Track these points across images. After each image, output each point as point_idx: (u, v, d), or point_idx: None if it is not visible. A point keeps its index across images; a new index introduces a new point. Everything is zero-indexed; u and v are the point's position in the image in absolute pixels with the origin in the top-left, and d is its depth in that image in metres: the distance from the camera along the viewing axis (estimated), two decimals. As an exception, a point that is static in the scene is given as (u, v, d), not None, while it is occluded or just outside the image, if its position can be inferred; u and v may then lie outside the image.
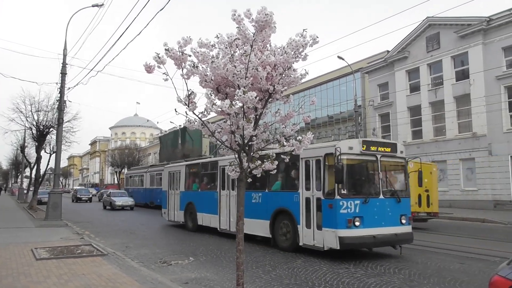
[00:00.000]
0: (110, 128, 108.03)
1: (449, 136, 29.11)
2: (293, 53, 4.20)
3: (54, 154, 21.40)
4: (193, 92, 4.42)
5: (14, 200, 42.11)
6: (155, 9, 11.12)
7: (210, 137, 4.70)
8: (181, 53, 4.22)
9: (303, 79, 4.60)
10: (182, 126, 55.89)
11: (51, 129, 26.10)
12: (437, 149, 29.71)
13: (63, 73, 19.29)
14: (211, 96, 4.46)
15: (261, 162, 4.77)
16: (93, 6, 18.17)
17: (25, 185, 48.91)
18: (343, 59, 27.58)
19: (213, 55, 4.35)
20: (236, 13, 4.17)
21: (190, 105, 4.40)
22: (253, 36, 4.19)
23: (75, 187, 64.28)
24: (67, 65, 19.42)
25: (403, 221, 9.78)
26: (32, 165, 34.36)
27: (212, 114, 4.57)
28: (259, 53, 4.28)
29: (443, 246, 11.37)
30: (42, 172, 29.82)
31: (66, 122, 23.75)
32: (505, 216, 20.13)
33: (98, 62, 34.71)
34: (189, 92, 4.40)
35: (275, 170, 5.22)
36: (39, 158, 28.00)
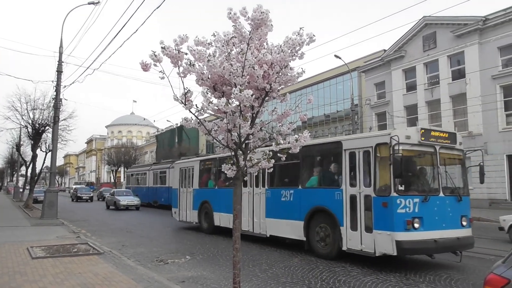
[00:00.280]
0: (107, 127, 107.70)
1: (445, 135, 29.13)
2: (289, 51, 4.20)
3: (50, 152, 21.31)
4: (189, 90, 4.41)
5: (10, 198, 41.94)
6: (153, 6, 11.08)
7: (206, 135, 4.70)
8: (177, 51, 4.21)
9: (300, 78, 4.60)
10: (178, 125, 55.84)
11: (47, 127, 25.98)
12: (433, 148, 29.72)
13: (59, 71, 19.22)
14: (207, 94, 4.46)
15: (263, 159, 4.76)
16: (89, 3, 18.10)
17: (20, 183, 48.80)
18: (340, 58, 27.61)
19: (209, 53, 4.34)
20: (231, 11, 4.17)
21: (186, 103, 4.39)
22: (249, 34, 4.18)
23: (74, 185, 61.68)
24: (63, 63, 19.36)
25: (464, 223, 8.55)
26: (28, 163, 34.26)
27: (209, 112, 4.56)
28: (255, 52, 4.27)
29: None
30: (38, 170, 29.68)
31: (62, 120, 23.72)
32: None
33: (94, 60, 34.60)
34: (186, 91, 4.39)
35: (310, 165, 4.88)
36: (34, 157, 27.90)
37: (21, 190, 40.39)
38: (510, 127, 25.88)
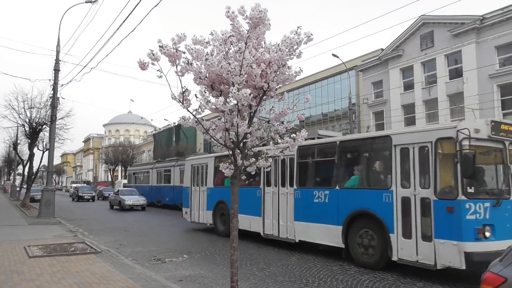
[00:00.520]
0: (104, 125, 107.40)
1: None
2: (287, 50, 4.20)
3: (47, 151, 21.26)
4: (187, 89, 4.40)
5: (7, 197, 41.79)
6: (151, 4, 11.05)
7: (204, 134, 4.69)
8: (175, 50, 4.20)
9: (298, 77, 4.60)
10: (176, 124, 55.67)
11: (44, 126, 25.90)
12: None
13: (56, 70, 19.15)
14: (205, 93, 4.45)
15: (255, 159, 4.76)
16: (86, 2, 18.04)
17: (17, 182, 48.60)
18: (337, 57, 27.62)
19: (207, 52, 4.34)
20: (230, 10, 4.16)
21: (184, 102, 4.38)
22: (247, 33, 4.18)
23: (73, 184, 60.07)
24: (60, 62, 19.29)
25: None
26: (25, 162, 34.13)
27: (207, 111, 4.56)
28: (253, 51, 4.27)
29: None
30: (35, 169, 29.64)
31: (59, 119, 23.57)
32: None
33: (92, 59, 34.49)
34: (183, 89, 4.38)
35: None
36: (32, 156, 27.81)
37: (18, 189, 40.27)
38: (507, 126, 25.96)
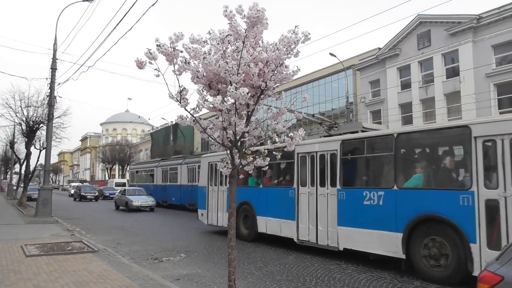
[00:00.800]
0: (101, 124, 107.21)
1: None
2: (285, 49, 4.20)
3: (44, 150, 21.17)
4: (185, 88, 4.40)
5: (4, 196, 41.65)
6: (148, 4, 11.03)
7: (202, 133, 4.69)
8: (172, 49, 4.20)
9: (295, 76, 4.60)
10: (173, 123, 55.47)
11: (41, 125, 25.82)
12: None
13: (53, 68, 19.09)
14: (203, 92, 4.45)
15: (253, 158, 4.76)
16: (83, 0, 17.98)
17: (14, 181, 48.45)
18: (335, 56, 27.68)
19: (205, 51, 4.33)
20: (227, 9, 4.17)
21: (182, 101, 4.38)
22: (245, 32, 4.18)
23: (71, 183, 58.60)
24: (57, 60, 19.23)
25: None
26: (22, 161, 34.05)
27: (204, 110, 4.56)
28: (251, 50, 4.27)
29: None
30: (32, 168, 29.51)
31: (56, 118, 23.53)
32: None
33: (89, 58, 34.44)
34: (181, 88, 4.38)
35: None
36: (28, 154, 27.75)
37: (15, 188, 40.17)
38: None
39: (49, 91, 19.44)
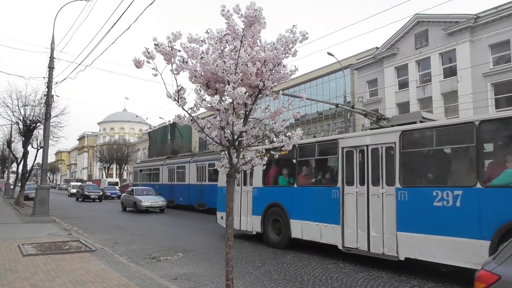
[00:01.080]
0: (99, 123, 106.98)
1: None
2: (283, 49, 4.20)
3: (41, 149, 21.15)
4: (182, 87, 4.39)
5: (1, 195, 41.53)
6: (146, 3, 11.01)
7: (199, 132, 4.69)
8: (170, 48, 4.19)
9: (293, 75, 4.60)
10: (171, 122, 55.36)
11: (38, 124, 25.80)
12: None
13: (51, 67, 19.05)
14: (200, 91, 4.45)
15: (250, 158, 4.77)
16: (81, -1, 17.94)
17: (11, 180, 48.30)
18: (332, 55, 27.70)
19: (203, 51, 4.33)
20: (225, 8, 4.16)
21: (179, 100, 4.37)
22: (243, 32, 4.18)
23: (72, 182, 56.91)
24: (54, 59, 19.18)
25: None
26: (19, 160, 33.93)
27: (202, 109, 4.56)
28: (249, 49, 4.27)
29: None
30: (29, 167, 29.47)
31: (54, 117, 23.49)
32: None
33: (86, 57, 34.39)
34: (179, 88, 4.38)
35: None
36: (26, 153, 27.66)
37: (12, 187, 40.05)
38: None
39: (46, 90, 19.39)
